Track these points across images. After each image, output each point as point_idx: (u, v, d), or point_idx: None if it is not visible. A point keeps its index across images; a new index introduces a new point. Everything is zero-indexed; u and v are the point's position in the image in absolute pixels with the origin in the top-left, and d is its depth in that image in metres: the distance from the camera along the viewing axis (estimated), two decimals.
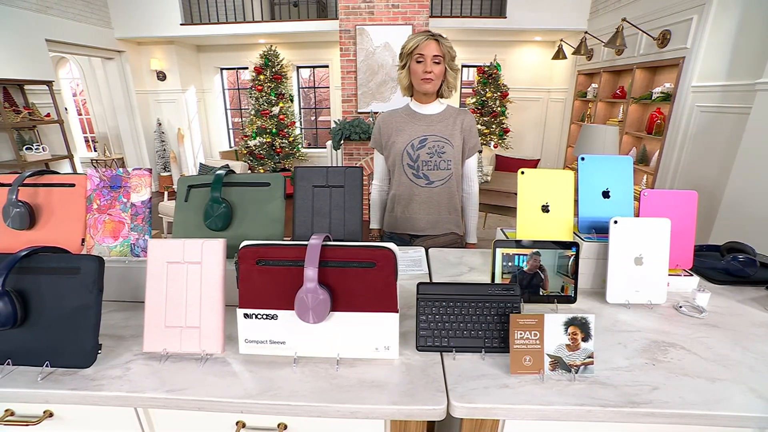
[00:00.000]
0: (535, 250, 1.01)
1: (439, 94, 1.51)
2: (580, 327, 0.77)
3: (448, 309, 0.85)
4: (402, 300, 1.02)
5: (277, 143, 5.96)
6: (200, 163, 4.47)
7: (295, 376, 0.77)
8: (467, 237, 1.65)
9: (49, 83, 4.47)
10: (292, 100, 6.19)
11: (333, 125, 4.77)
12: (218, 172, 1.08)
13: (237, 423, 0.78)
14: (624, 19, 3.76)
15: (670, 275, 1.06)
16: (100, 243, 1.06)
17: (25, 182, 1.03)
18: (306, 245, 0.77)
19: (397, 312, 0.80)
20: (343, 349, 0.81)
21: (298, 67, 6.82)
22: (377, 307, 0.80)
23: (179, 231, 1.09)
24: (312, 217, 1.08)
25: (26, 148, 4.27)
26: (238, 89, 7.34)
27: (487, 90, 5.64)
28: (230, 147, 7.49)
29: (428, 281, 1.12)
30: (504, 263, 1.02)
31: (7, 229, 1.02)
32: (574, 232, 1.13)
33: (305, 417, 0.75)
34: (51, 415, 0.80)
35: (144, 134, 6.21)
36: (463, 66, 6.53)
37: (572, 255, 1.00)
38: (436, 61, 1.40)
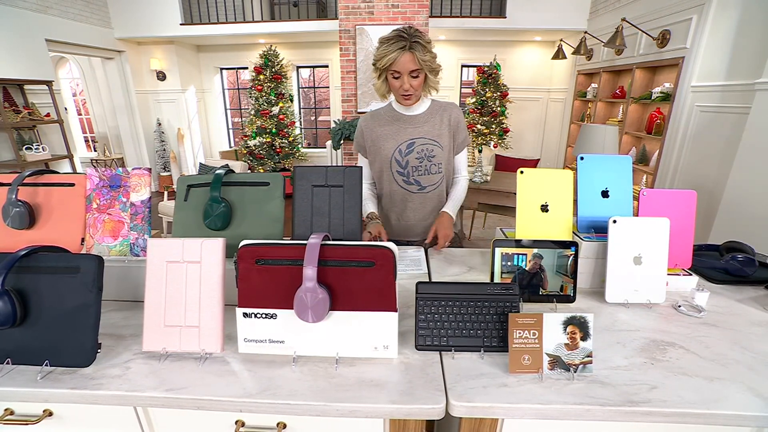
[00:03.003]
0: (536, 251, 1.01)
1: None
2: (578, 326, 0.77)
3: (447, 308, 0.85)
4: (401, 299, 1.02)
5: (277, 143, 5.96)
6: (200, 163, 4.47)
7: (294, 375, 0.77)
8: (445, 206, 1.47)
9: (49, 83, 4.47)
10: (291, 100, 6.19)
11: (333, 125, 4.78)
12: (218, 171, 1.08)
13: (236, 422, 0.78)
14: (624, 19, 3.76)
15: (669, 275, 1.06)
16: (99, 242, 1.07)
17: (24, 182, 1.03)
18: (305, 245, 0.77)
19: (396, 311, 0.80)
20: (342, 348, 0.82)
21: (298, 67, 6.83)
22: (376, 307, 0.80)
23: (179, 230, 1.10)
24: (311, 216, 1.08)
25: (26, 148, 4.26)
26: (238, 89, 7.34)
27: (487, 90, 5.64)
28: (230, 147, 7.49)
29: (427, 281, 1.12)
30: (503, 263, 1.02)
31: (6, 229, 1.02)
32: (574, 232, 1.13)
33: (304, 416, 0.75)
34: (50, 414, 0.80)
35: (144, 134, 6.21)
36: (463, 66, 6.53)
37: (571, 254, 1.00)
38: (414, 75, 1.29)
